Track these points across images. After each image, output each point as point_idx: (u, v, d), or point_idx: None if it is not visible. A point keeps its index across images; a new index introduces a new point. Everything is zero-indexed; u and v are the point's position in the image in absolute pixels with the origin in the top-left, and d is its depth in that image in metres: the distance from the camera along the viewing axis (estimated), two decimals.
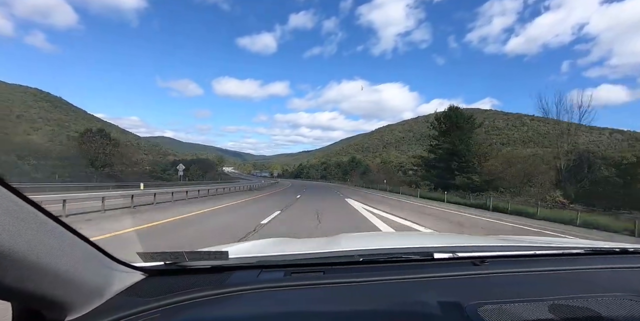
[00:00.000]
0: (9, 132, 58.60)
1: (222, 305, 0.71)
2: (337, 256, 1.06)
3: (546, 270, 0.97)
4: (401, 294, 0.79)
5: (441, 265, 1.00)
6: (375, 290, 0.81)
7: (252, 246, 1.45)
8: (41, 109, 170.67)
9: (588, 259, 1.13)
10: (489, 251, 1.12)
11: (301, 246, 1.35)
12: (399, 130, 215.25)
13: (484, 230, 9.70)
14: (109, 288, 0.69)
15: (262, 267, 0.93)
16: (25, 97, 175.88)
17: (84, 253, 0.63)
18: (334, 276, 0.88)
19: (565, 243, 1.34)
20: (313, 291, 0.80)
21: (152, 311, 0.67)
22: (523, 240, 1.55)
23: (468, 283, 0.87)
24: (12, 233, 0.43)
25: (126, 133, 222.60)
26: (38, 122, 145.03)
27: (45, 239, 0.51)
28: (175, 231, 7.10)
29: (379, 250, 1.11)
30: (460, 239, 1.76)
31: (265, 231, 7.22)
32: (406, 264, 0.99)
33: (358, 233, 3.54)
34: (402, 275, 0.88)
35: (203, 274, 0.87)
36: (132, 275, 0.79)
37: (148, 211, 10.55)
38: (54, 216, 0.54)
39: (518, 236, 2.03)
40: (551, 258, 1.12)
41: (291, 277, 0.87)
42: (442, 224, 10.33)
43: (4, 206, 0.44)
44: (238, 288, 0.77)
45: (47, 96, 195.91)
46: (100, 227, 6.99)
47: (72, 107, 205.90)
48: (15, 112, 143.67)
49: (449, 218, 12.44)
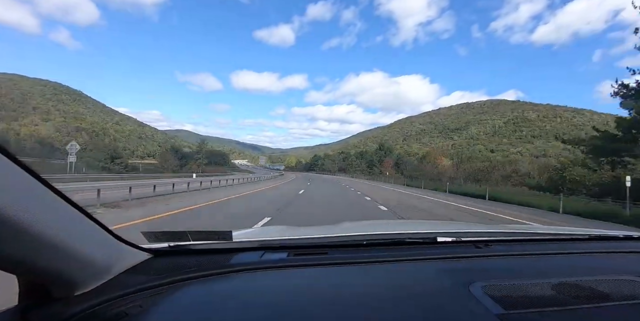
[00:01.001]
0: (19, 123, 57.13)
1: (225, 283, 0.73)
2: (340, 240, 1.06)
3: (550, 253, 0.97)
4: (405, 273, 0.79)
5: (444, 248, 1.00)
6: (378, 269, 0.81)
7: (257, 232, 1.49)
8: (59, 102, 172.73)
9: (593, 243, 1.13)
10: (492, 236, 1.12)
11: (304, 232, 1.36)
12: (420, 122, 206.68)
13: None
14: (114, 266, 0.70)
15: (265, 248, 0.93)
16: (45, 90, 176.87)
17: (92, 232, 0.65)
18: (337, 256, 0.88)
19: (570, 230, 1.35)
20: (316, 270, 0.81)
21: (157, 288, 0.68)
22: (525, 227, 1.54)
23: (472, 264, 0.87)
24: (27, 211, 0.45)
25: (144, 126, 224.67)
26: (53, 114, 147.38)
27: (56, 217, 0.53)
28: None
29: (382, 235, 1.12)
30: (464, 225, 1.78)
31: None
32: (410, 246, 1.00)
33: (362, 221, 3.58)
34: (406, 256, 0.88)
35: (207, 255, 0.88)
36: (138, 255, 0.80)
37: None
38: (65, 195, 0.56)
39: (522, 225, 2.05)
40: (555, 243, 1.12)
41: (294, 258, 0.87)
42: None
43: (20, 184, 0.47)
44: (241, 267, 0.78)
45: (67, 89, 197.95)
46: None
47: (91, 99, 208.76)
48: (32, 104, 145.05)
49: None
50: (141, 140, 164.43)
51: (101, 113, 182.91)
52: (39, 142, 68.87)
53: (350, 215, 8.93)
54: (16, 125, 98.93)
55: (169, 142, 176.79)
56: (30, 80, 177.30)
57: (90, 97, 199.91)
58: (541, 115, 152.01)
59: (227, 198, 12.23)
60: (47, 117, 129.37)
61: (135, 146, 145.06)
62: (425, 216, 9.80)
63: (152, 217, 7.07)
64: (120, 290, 0.66)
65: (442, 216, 9.92)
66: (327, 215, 8.66)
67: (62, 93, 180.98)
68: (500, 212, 11.80)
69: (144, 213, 7.41)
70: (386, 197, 16.84)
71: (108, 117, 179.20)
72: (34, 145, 62.03)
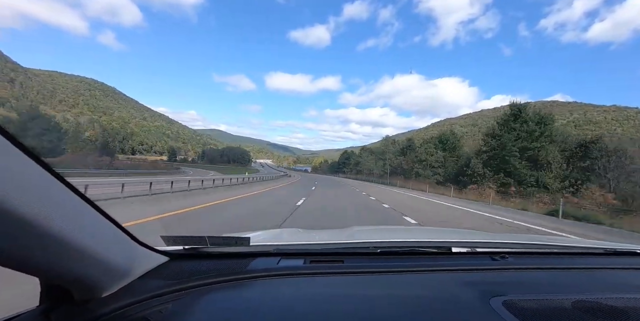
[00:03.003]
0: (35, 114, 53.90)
1: (243, 290, 0.72)
2: (355, 247, 1.07)
3: (567, 268, 0.96)
4: (421, 284, 0.78)
5: (460, 259, 0.99)
6: (394, 279, 0.81)
7: (272, 235, 1.51)
8: (92, 97, 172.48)
9: (610, 259, 1.11)
10: (507, 247, 1.10)
11: (319, 236, 1.39)
12: (460, 124, 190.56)
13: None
14: (133, 269, 0.70)
15: (282, 255, 0.93)
16: (79, 85, 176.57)
17: (112, 235, 0.64)
18: (352, 265, 0.88)
19: (584, 243, 1.33)
20: (332, 278, 0.80)
21: (176, 293, 0.68)
22: (540, 238, 1.51)
23: (489, 276, 0.85)
24: (43, 211, 0.45)
25: (173, 123, 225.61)
26: (80, 107, 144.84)
27: (77, 220, 0.53)
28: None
29: (396, 243, 1.10)
30: (479, 235, 1.71)
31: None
32: (424, 256, 0.99)
33: (373, 226, 3.73)
34: (421, 266, 0.87)
35: (224, 259, 0.88)
36: (156, 258, 0.80)
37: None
38: (87, 197, 0.55)
39: (537, 235, 1.93)
40: (571, 256, 1.11)
41: (310, 265, 0.87)
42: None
43: (42, 188, 0.46)
44: (259, 274, 0.78)
45: (102, 86, 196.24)
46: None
47: (124, 96, 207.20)
48: (59, 98, 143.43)
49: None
50: (164, 136, 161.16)
51: (132, 110, 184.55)
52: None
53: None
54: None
55: (193, 139, 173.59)
56: (68, 76, 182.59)
57: (124, 93, 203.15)
58: (608, 117, 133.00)
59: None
60: (70, 110, 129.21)
61: (154, 141, 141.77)
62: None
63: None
64: (140, 295, 0.65)
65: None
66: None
67: (95, 89, 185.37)
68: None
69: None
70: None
71: (138, 113, 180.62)
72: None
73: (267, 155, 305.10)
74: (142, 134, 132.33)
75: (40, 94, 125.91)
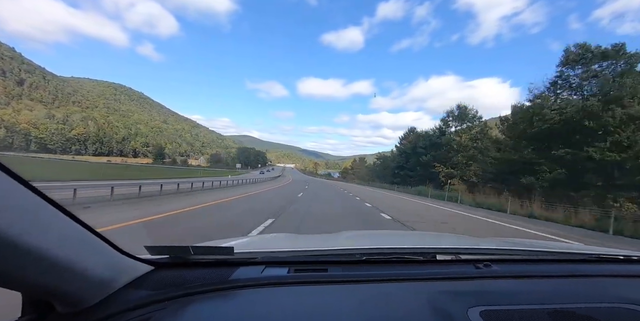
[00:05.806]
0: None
1: (227, 299, 0.72)
2: (339, 254, 1.07)
3: (548, 275, 0.97)
4: (403, 293, 0.79)
5: (443, 267, 1.00)
6: (377, 288, 0.82)
7: (257, 242, 1.53)
8: (115, 101, 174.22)
9: (591, 266, 1.12)
10: (491, 254, 1.12)
11: (304, 243, 1.39)
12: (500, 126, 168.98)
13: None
14: (116, 280, 0.69)
15: (266, 263, 0.93)
16: (106, 90, 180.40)
17: (92, 245, 0.63)
18: (336, 274, 0.89)
19: (568, 249, 1.33)
20: (315, 288, 0.81)
21: (160, 303, 0.68)
22: (525, 243, 1.54)
23: (470, 285, 0.86)
24: (23, 228, 0.44)
25: (199, 127, 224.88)
26: (100, 110, 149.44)
27: (54, 232, 0.52)
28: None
29: (381, 249, 1.11)
30: (463, 240, 1.70)
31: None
32: (408, 265, 1.00)
33: (361, 231, 3.69)
34: (405, 275, 0.88)
35: (209, 268, 0.88)
36: (139, 267, 0.80)
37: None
38: (63, 208, 0.54)
39: (521, 239, 1.95)
40: (554, 264, 1.12)
41: (294, 274, 0.87)
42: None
43: (14, 199, 0.45)
44: (243, 284, 0.78)
45: (128, 90, 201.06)
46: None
47: (150, 100, 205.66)
48: (72, 100, 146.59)
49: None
50: (179, 138, 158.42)
51: (156, 114, 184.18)
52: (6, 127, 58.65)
53: None
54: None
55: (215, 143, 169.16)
56: (97, 82, 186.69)
57: (150, 98, 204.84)
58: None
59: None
60: (83, 111, 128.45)
61: (164, 143, 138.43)
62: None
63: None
64: (123, 305, 0.65)
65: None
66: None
67: (121, 93, 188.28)
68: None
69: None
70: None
71: (160, 117, 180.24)
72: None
73: (292, 160, 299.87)
74: (149, 135, 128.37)
75: (51, 95, 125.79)
